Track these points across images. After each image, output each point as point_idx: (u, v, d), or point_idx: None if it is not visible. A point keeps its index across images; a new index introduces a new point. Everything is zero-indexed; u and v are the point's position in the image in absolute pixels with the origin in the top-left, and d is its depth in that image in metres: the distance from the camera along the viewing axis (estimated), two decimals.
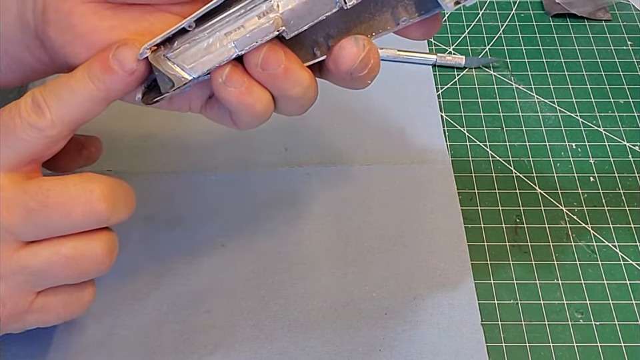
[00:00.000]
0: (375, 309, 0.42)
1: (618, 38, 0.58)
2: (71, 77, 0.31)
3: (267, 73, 0.31)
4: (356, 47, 0.31)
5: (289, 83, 0.32)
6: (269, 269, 0.44)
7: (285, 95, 0.32)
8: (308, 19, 0.30)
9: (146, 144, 0.50)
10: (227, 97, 0.32)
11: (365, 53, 0.31)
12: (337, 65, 0.32)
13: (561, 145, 0.51)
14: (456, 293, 0.43)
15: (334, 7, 0.30)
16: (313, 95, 0.33)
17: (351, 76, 0.32)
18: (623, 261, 0.45)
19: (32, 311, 0.32)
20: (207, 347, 0.41)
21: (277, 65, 0.31)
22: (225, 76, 0.31)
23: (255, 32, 0.30)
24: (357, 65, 0.32)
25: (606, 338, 0.42)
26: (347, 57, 0.31)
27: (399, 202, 0.47)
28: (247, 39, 0.30)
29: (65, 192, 0.31)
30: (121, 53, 0.31)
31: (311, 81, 0.32)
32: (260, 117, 0.33)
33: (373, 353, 0.41)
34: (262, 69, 0.31)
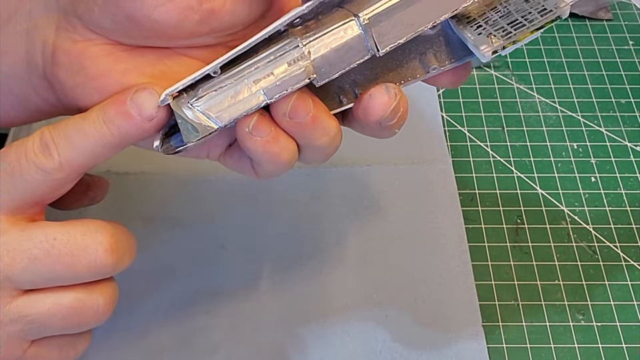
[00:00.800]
0: (375, 310, 0.42)
1: (619, 37, 0.58)
2: (84, 118, 0.30)
3: (295, 122, 0.30)
4: (387, 96, 0.30)
5: (317, 133, 0.30)
6: (269, 270, 0.44)
7: (311, 144, 0.31)
8: (340, 66, 0.29)
9: None
10: (253, 146, 0.30)
11: (397, 103, 0.30)
12: (367, 115, 0.30)
13: (562, 145, 0.51)
14: (456, 293, 0.43)
15: (366, 55, 0.29)
16: (339, 143, 0.32)
17: (380, 125, 0.31)
18: (624, 261, 0.45)
19: (24, 359, 0.31)
20: (206, 349, 0.41)
21: (305, 114, 0.30)
22: (252, 125, 0.29)
23: (286, 80, 0.29)
24: (387, 115, 0.30)
25: (607, 339, 0.41)
26: (378, 106, 0.30)
27: (399, 202, 0.47)
28: (276, 87, 0.29)
29: (72, 242, 0.29)
30: (139, 98, 0.29)
31: (338, 130, 0.31)
32: (284, 166, 0.31)
33: (372, 355, 0.40)
34: (290, 117, 0.30)
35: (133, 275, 0.43)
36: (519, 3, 0.30)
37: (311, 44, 0.29)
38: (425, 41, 0.31)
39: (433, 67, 0.31)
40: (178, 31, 0.29)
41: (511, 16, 0.30)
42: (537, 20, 0.29)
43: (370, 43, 0.29)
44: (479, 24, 0.30)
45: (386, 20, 0.29)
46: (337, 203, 0.47)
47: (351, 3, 0.29)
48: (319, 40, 0.29)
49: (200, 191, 0.47)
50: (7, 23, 0.31)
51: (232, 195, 0.47)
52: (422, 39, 0.31)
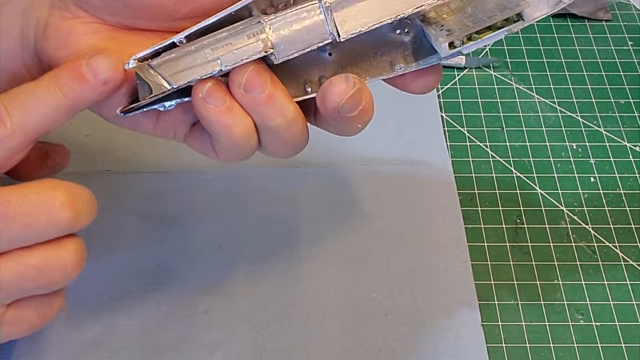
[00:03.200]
0: (375, 309, 0.42)
1: (618, 38, 0.58)
2: (37, 84, 0.30)
3: (250, 97, 0.30)
4: (345, 84, 0.30)
5: (272, 111, 0.30)
6: (268, 270, 0.44)
7: (266, 124, 0.31)
8: (298, 46, 0.30)
9: (142, 143, 0.49)
10: (206, 114, 0.30)
11: (355, 91, 0.30)
12: (324, 101, 0.30)
13: (561, 145, 0.51)
14: (456, 293, 0.43)
15: (327, 38, 0.30)
16: (298, 132, 0.32)
17: (339, 115, 0.30)
18: (624, 261, 0.45)
19: (3, 324, 0.31)
20: (205, 347, 0.41)
21: (261, 89, 0.30)
22: (205, 91, 0.30)
23: (242, 49, 0.29)
24: (344, 102, 0.30)
25: (606, 338, 0.41)
26: (335, 93, 0.30)
27: (399, 202, 0.47)
28: (232, 55, 0.29)
29: (27, 201, 0.29)
30: (94, 62, 0.29)
31: (296, 116, 0.31)
32: (239, 143, 0.31)
33: (372, 354, 0.40)
34: (245, 90, 0.30)
35: (131, 274, 0.43)
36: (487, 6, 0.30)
37: (273, 21, 0.29)
38: (398, 45, 0.32)
39: (399, 67, 0.32)
40: (160, 9, 0.30)
41: (475, 16, 0.30)
42: (496, 16, 0.29)
43: (331, 27, 0.29)
44: (446, 24, 0.30)
45: (349, 7, 0.29)
46: (337, 202, 0.47)
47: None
48: (281, 18, 0.29)
49: (198, 190, 0.47)
50: (6, 3, 0.32)
51: (230, 194, 0.47)
52: (396, 43, 0.32)
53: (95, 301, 0.42)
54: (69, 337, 0.41)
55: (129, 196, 0.46)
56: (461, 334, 0.41)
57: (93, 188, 0.46)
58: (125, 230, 0.45)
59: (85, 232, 0.44)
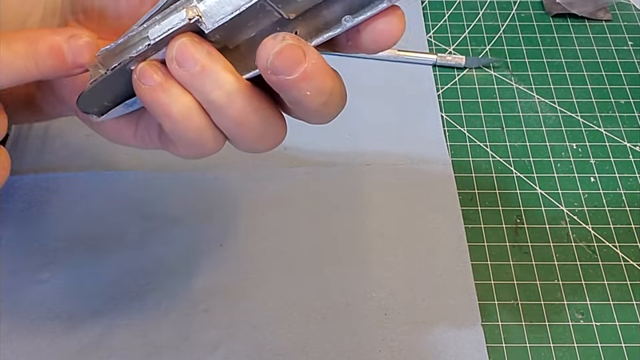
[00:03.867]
0: (374, 309, 0.42)
1: (618, 38, 0.58)
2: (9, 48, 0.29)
3: (184, 71, 0.28)
4: (273, 39, 0.27)
5: (208, 84, 0.28)
6: (268, 269, 0.44)
7: (205, 98, 0.29)
8: (227, 10, 0.27)
9: None
10: (142, 94, 0.29)
11: (283, 45, 0.26)
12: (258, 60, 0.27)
13: (561, 145, 0.51)
14: (456, 293, 0.43)
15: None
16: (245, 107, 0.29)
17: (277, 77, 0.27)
18: (624, 261, 0.45)
19: None
20: (206, 347, 0.41)
21: (193, 61, 0.28)
22: (138, 71, 0.29)
23: (169, 21, 0.28)
24: (272, 59, 0.27)
25: (606, 338, 0.41)
26: (262, 50, 0.27)
27: (399, 202, 0.47)
28: (159, 27, 0.28)
29: None
30: (78, 45, 0.29)
31: (238, 87, 0.29)
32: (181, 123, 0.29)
33: (372, 354, 0.40)
34: (178, 64, 0.28)
35: (131, 274, 0.43)
36: None
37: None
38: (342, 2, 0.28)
39: (346, 19, 0.28)
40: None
41: None
42: None
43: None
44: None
45: None
46: (337, 202, 0.47)
47: None
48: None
49: (199, 189, 0.47)
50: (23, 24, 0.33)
51: (231, 194, 0.47)
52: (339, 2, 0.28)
53: (95, 301, 0.42)
54: (68, 336, 0.41)
55: (129, 196, 0.46)
56: (461, 334, 0.41)
57: (93, 188, 0.47)
58: (125, 230, 0.45)
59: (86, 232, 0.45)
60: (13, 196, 0.46)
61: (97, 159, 0.48)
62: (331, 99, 0.29)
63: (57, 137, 0.49)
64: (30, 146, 0.49)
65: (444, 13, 0.60)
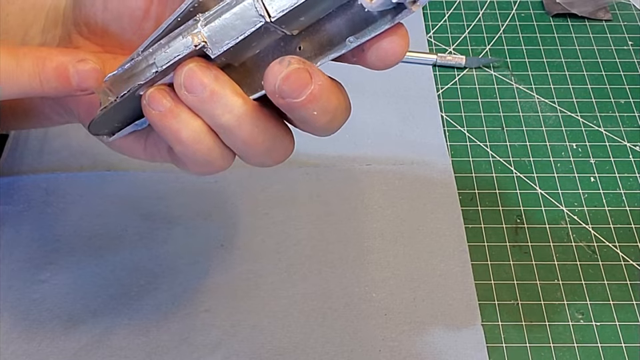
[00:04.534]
0: (374, 309, 0.42)
1: (618, 38, 0.58)
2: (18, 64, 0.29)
3: (193, 96, 0.28)
4: (279, 64, 0.27)
5: (217, 108, 0.29)
6: (268, 269, 0.44)
7: (216, 122, 0.29)
8: (232, 35, 0.28)
9: None
10: (152, 119, 0.29)
11: (289, 70, 0.27)
12: (265, 87, 0.28)
13: (561, 145, 0.51)
14: (456, 293, 0.43)
15: (259, 21, 0.27)
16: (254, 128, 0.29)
17: (285, 101, 0.28)
18: (624, 261, 0.45)
19: None
20: (206, 347, 0.41)
21: (202, 87, 0.28)
22: (147, 97, 0.29)
23: (175, 48, 0.28)
24: (279, 83, 0.27)
25: (606, 338, 0.41)
26: (269, 75, 0.27)
27: (399, 202, 0.47)
28: (165, 54, 0.28)
29: None
30: (85, 69, 0.30)
31: (247, 111, 0.29)
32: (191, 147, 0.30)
33: (372, 353, 0.40)
34: (187, 90, 0.28)
35: (132, 273, 0.43)
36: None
37: (205, 16, 0.28)
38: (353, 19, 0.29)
39: (350, 40, 0.28)
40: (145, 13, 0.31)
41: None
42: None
43: (261, 9, 0.27)
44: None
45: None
46: (337, 202, 0.47)
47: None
48: (213, 12, 0.28)
49: (200, 189, 0.47)
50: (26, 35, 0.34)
51: (231, 194, 0.47)
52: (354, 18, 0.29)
53: (95, 301, 0.42)
54: (68, 336, 0.41)
55: (130, 195, 0.46)
56: (461, 334, 0.41)
57: (93, 188, 0.47)
58: (125, 230, 0.45)
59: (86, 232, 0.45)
60: (12, 196, 0.46)
61: (97, 159, 0.48)
62: (336, 115, 0.30)
63: (57, 137, 0.50)
64: (30, 146, 0.49)
65: (444, 13, 0.60)
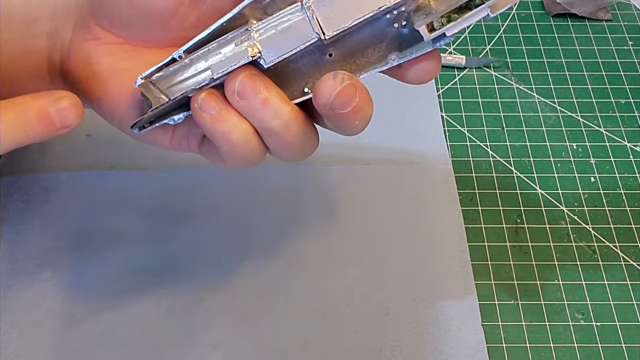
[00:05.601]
0: (375, 309, 0.42)
1: (619, 38, 0.58)
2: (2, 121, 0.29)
3: (245, 102, 0.30)
4: (333, 80, 0.30)
5: (268, 114, 0.31)
6: (269, 269, 0.44)
7: (264, 127, 0.31)
8: (286, 47, 0.30)
9: None
10: (202, 122, 0.31)
11: (343, 87, 0.30)
12: (316, 99, 0.31)
13: (561, 145, 0.51)
14: (456, 293, 0.43)
15: (313, 37, 0.30)
16: (300, 134, 0.32)
17: (333, 112, 0.31)
18: (624, 261, 0.45)
19: None
20: (206, 345, 0.41)
21: (254, 94, 0.30)
22: (200, 101, 0.31)
23: (230, 57, 0.30)
24: (333, 99, 0.30)
25: (607, 338, 0.41)
26: (324, 89, 0.30)
27: (399, 202, 0.47)
28: (221, 63, 0.30)
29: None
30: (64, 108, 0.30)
31: (294, 117, 0.31)
32: (239, 148, 0.32)
33: (373, 353, 0.40)
34: (239, 97, 0.30)
35: (134, 271, 0.43)
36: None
37: (259, 26, 0.30)
38: (395, 38, 0.31)
39: (392, 58, 0.31)
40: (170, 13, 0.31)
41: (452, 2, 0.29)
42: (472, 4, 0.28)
43: (315, 26, 0.29)
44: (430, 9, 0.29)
45: (331, 4, 0.29)
46: (337, 201, 0.47)
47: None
48: (267, 23, 0.30)
49: (202, 187, 0.47)
50: (34, 24, 0.33)
51: (233, 193, 0.47)
52: (393, 36, 0.31)
53: (96, 299, 0.42)
54: (69, 335, 0.41)
55: (133, 193, 0.46)
56: (461, 334, 0.41)
57: (94, 187, 0.47)
58: (126, 228, 0.45)
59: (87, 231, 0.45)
60: (12, 196, 0.46)
61: (98, 158, 0.48)
62: (368, 120, 0.32)
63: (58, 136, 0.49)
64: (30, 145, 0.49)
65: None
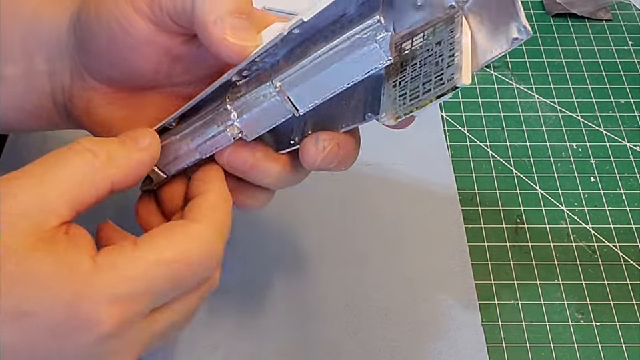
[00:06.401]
0: (375, 309, 0.42)
1: (619, 38, 0.58)
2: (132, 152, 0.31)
3: (237, 170, 0.33)
4: (315, 148, 0.32)
5: (259, 176, 0.33)
6: (269, 269, 0.44)
7: (260, 183, 0.34)
8: (265, 124, 0.32)
9: None
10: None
11: (325, 154, 0.32)
12: (303, 162, 0.33)
13: (561, 145, 0.51)
14: (456, 293, 0.43)
15: (287, 114, 0.31)
16: (292, 178, 0.34)
17: (321, 169, 0.33)
18: (624, 261, 0.45)
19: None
20: (206, 347, 0.41)
21: (242, 165, 0.33)
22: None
23: (216, 139, 0.33)
24: (319, 163, 0.32)
25: (606, 338, 0.41)
26: (309, 157, 0.32)
27: (399, 202, 0.47)
28: (207, 146, 0.33)
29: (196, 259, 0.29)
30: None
31: (283, 169, 0.34)
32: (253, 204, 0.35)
33: (372, 353, 0.40)
34: (230, 167, 0.33)
35: None
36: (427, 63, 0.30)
37: (236, 106, 0.32)
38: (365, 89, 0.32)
39: (368, 115, 0.31)
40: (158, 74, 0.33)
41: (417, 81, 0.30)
42: (431, 91, 0.29)
43: (288, 105, 0.31)
44: (395, 82, 0.31)
45: (301, 84, 0.30)
46: (337, 202, 0.47)
47: (277, 65, 0.31)
48: (243, 102, 0.32)
49: None
50: (31, 60, 0.35)
51: None
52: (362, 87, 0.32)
53: None
54: None
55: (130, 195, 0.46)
56: (461, 334, 0.41)
57: None
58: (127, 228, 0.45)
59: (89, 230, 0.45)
60: None
61: None
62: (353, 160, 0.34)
63: (57, 136, 0.49)
64: (30, 146, 0.49)
65: None
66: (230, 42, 0.30)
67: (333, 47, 0.29)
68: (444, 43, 0.29)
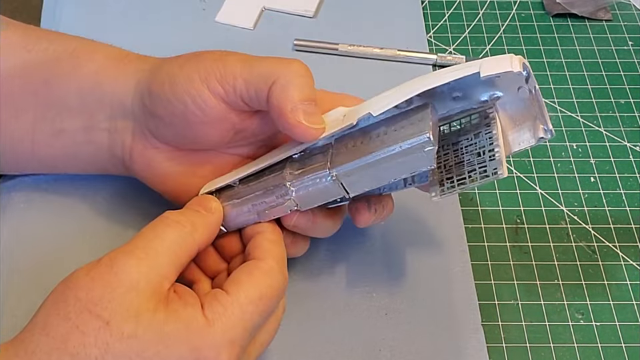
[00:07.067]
0: (375, 309, 0.42)
1: (619, 38, 0.58)
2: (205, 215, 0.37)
3: (301, 229, 0.38)
4: (368, 213, 0.38)
5: (317, 232, 0.39)
6: None
7: (312, 235, 0.40)
8: (318, 201, 0.36)
9: None
10: None
11: (377, 216, 0.39)
12: (357, 222, 0.39)
13: (561, 145, 0.51)
14: (456, 293, 0.43)
15: (339, 196, 0.36)
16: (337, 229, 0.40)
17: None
18: (624, 261, 0.45)
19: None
20: None
21: (305, 225, 0.38)
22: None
23: (274, 208, 0.37)
24: (372, 221, 0.39)
25: (606, 338, 0.41)
26: (361, 219, 0.39)
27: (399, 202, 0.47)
28: (265, 213, 0.37)
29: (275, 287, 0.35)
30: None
31: (336, 224, 0.40)
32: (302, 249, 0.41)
33: (372, 353, 0.40)
34: (293, 228, 0.38)
35: None
36: (468, 152, 0.35)
37: (294, 184, 0.36)
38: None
39: (409, 184, 0.38)
40: (220, 142, 0.38)
41: (461, 167, 0.35)
42: (477, 181, 0.34)
43: (341, 190, 0.36)
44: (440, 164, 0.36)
45: (355, 174, 0.35)
46: None
47: (334, 153, 0.35)
48: (300, 183, 0.36)
49: None
50: (91, 118, 0.40)
51: None
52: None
53: None
54: None
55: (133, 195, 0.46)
56: (461, 334, 0.41)
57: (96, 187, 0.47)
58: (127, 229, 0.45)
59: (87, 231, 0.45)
60: (12, 196, 0.46)
61: None
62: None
63: None
64: None
65: (444, 12, 0.60)
66: (305, 126, 0.35)
67: (387, 151, 0.33)
68: (482, 136, 0.35)
